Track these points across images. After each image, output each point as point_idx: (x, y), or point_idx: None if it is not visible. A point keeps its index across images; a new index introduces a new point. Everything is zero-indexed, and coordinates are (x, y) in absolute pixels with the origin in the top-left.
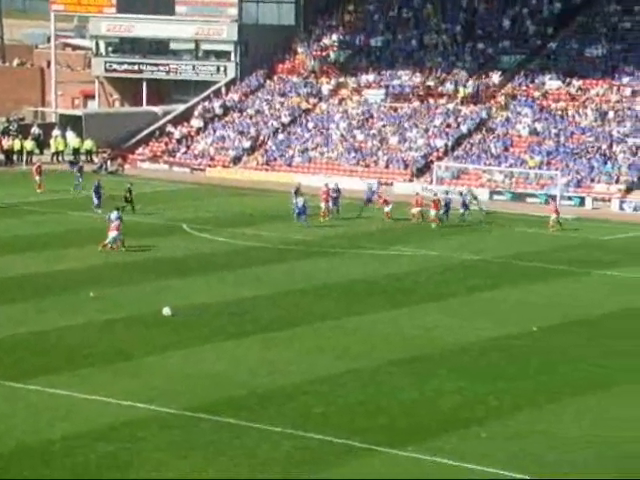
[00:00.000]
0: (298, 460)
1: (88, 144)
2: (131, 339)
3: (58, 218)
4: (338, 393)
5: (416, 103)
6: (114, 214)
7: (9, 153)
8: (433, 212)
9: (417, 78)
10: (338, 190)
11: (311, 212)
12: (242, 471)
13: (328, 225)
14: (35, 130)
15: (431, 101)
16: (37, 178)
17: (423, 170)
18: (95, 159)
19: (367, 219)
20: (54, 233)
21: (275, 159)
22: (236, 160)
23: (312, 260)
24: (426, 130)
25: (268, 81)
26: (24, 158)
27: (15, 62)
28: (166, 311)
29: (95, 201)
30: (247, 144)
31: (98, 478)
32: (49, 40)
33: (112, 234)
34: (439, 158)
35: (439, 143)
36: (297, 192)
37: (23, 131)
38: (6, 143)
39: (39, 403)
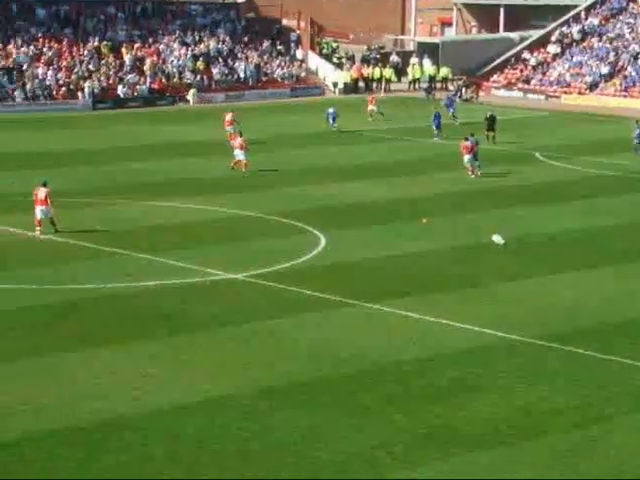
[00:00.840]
0: None
1: (444, 71)
2: (480, 266)
3: (409, 145)
4: None
5: None
6: (469, 140)
7: (368, 80)
8: None
9: None
10: None
11: None
12: (591, 403)
13: None
14: (394, 58)
15: None
16: (370, 108)
17: None
18: (450, 87)
19: None
20: (406, 160)
21: (634, 85)
22: (593, 86)
23: None
24: None
25: (631, 4)
26: (383, 86)
27: None
28: (497, 239)
29: (435, 129)
30: (605, 70)
31: (445, 399)
32: None
33: (466, 157)
34: None
35: None
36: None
37: (382, 59)
38: (366, 71)
39: (394, 325)
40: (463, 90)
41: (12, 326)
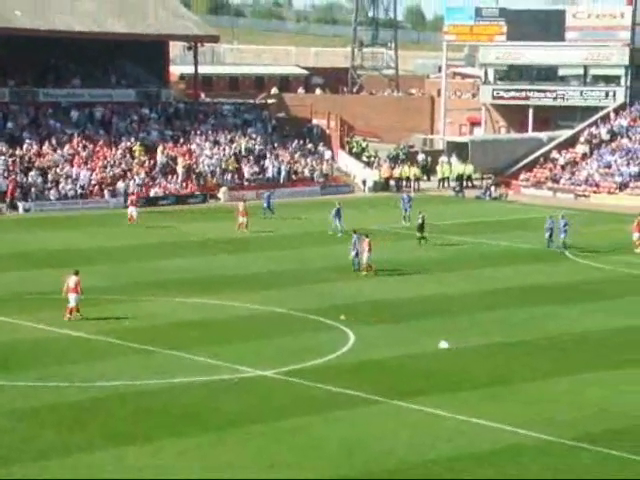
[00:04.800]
0: None
1: (468, 169)
2: (511, 364)
3: (436, 243)
4: None
5: None
6: (354, 237)
7: (399, 180)
8: None
9: None
10: None
11: None
12: None
13: None
14: (421, 157)
15: None
16: (241, 219)
17: None
18: (474, 184)
19: None
20: (434, 258)
21: None
22: (622, 186)
23: None
24: None
25: None
26: (412, 185)
27: (407, 91)
28: (443, 344)
29: (337, 225)
30: (635, 170)
31: None
32: (440, 70)
33: (365, 255)
34: None
35: None
36: None
37: (411, 158)
38: (397, 170)
39: (423, 423)
40: (492, 189)
41: (42, 424)
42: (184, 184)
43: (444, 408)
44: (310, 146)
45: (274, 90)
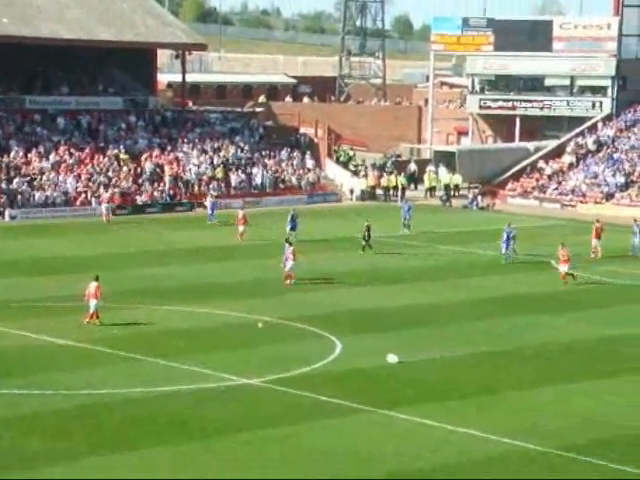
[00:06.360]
0: None
1: (455, 178)
2: (497, 374)
3: (421, 252)
4: None
5: None
6: (286, 246)
7: (387, 189)
8: None
9: None
10: None
11: None
12: None
13: None
14: (411, 167)
15: None
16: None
17: None
18: (461, 193)
19: None
20: (419, 266)
21: None
22: (608, 197)
23: None
24: None
25: None
26: (399, 194)
27: (395, 101)
28: (391, 358)
29: (288, 230)
30: (621, 180)
31: None
32: (427, 79)
33: (288, 263)
34: None
35: None
36: None
37: (399, 167)
38: (385, 179)
39: (410, 432)
40: (479, 198)
41: (27, 433)
42: (171, 191)
43: (431, 417)
44: (297, 154)
45: (262, 98)
